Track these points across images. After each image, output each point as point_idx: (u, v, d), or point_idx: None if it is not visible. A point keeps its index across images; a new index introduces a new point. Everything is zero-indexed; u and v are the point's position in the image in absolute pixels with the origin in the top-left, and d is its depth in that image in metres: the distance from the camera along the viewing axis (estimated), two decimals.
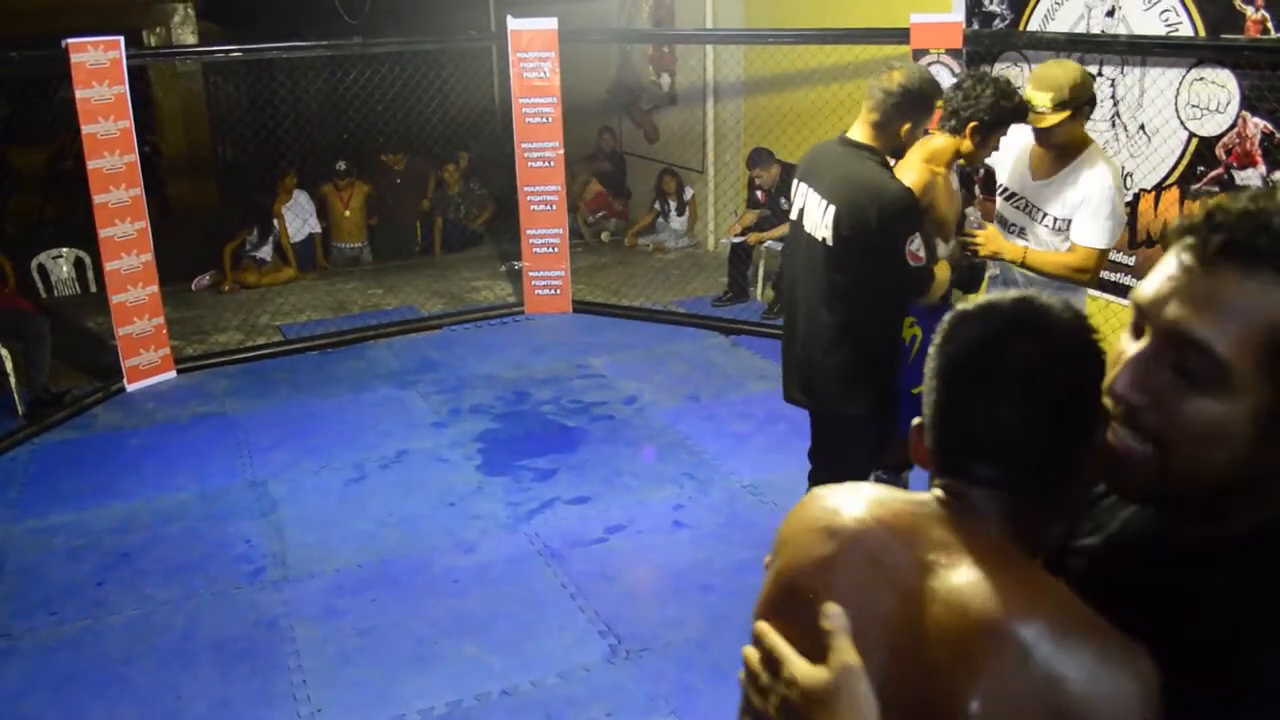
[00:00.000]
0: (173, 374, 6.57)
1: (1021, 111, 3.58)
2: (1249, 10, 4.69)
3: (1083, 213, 3.71)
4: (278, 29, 9.17)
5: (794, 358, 3.71)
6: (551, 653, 3.78)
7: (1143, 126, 5.28)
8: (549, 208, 7.48)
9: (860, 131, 3.47)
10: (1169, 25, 5.05)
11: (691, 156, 9.33)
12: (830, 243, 3.41)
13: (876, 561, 1.22)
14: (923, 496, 1.28)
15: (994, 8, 5.98)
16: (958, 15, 6.11)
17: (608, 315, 7.67)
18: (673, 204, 9.49)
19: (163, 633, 3.95)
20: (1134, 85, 5.28)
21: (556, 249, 7.58)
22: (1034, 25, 5.76)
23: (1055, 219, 3.80)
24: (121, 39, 6.03)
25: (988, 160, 3.80)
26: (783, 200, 7.56)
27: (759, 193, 7.76)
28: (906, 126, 3.43)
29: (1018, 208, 3.92)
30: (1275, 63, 4.60)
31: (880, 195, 3.30)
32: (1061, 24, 5.59)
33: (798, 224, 3.57)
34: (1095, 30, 5.41)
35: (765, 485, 5.01)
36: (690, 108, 9.29)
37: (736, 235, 7.85)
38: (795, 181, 3.60)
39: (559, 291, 7.69)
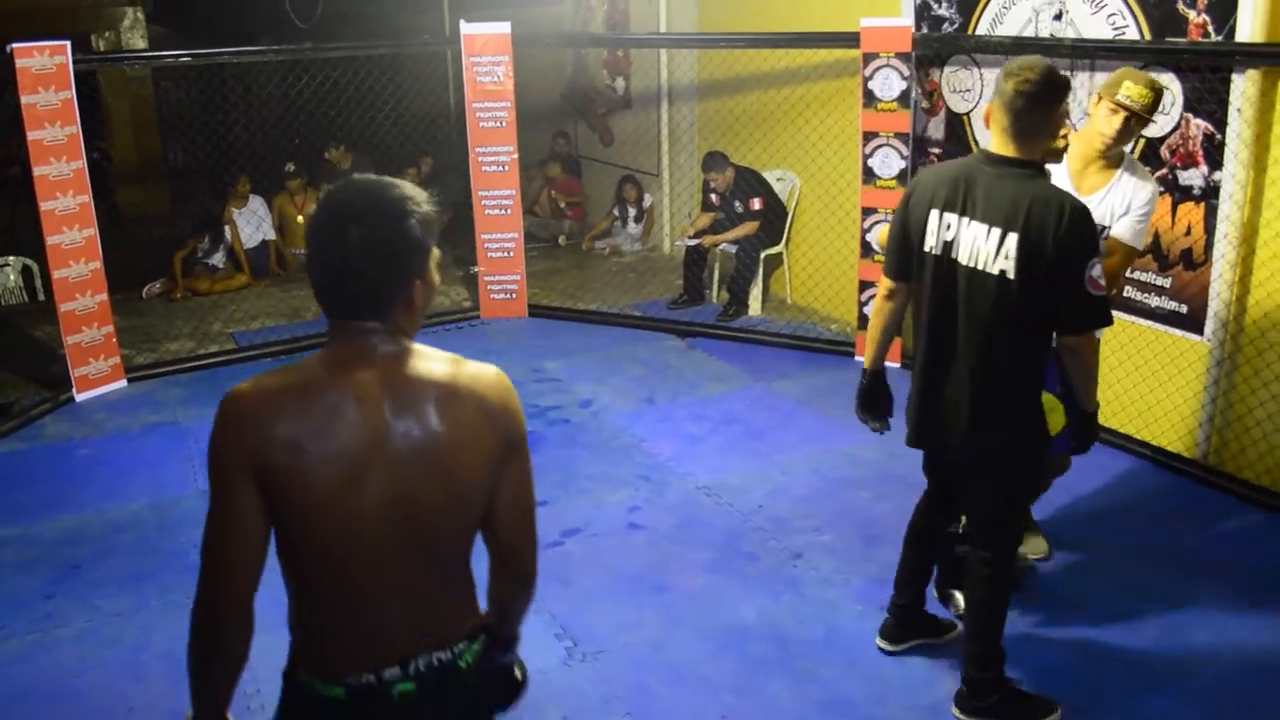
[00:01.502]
0: (123, 383, 6.50)
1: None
2: (1191, 14, 4.78)
3: (1130, 215, 3.72)
4: (229, 33, 9.10)
5: (950, 406, 3.25)
6: None
7: None
8: (504, 212, 7.48)
9: (1008, 146, 3.06)
10: (1116, 29, 5.13)
11: (646, 160, 9.35)
12: (1013, 275, 2.99)
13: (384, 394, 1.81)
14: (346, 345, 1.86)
15: (943, 11, 6.05)
16: (907, 19, 6.17)
17: (563, 319, 7.67)
18: (631, 211, 9.52)
19: (114, 644, 3.91)
20: (1083, 86, 5.36)
21: (511, 253, 7.58)
22: (982, 29, 5.83)
23: (1106, 230, 3.74)
24: (68, 44, 5.96)
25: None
26: (736, 204, 7.61)
27: (713, 196, 7.79)
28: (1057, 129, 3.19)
29: None
30: (1215, 66, 4.69)
31: (1060, 212, 2.93)
32: (1010, 27, 5.66)
33: (943, 258, 3.14)
34: (1043, 34, 5.49)
35: (720, 486, 5.03)
36: (645, 111, 9.32)
37: (690, 237, 7.89)
38: (930, 211, 3.15)
39: (514, 296, 7.69)
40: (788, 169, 7.70)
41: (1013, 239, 2.98)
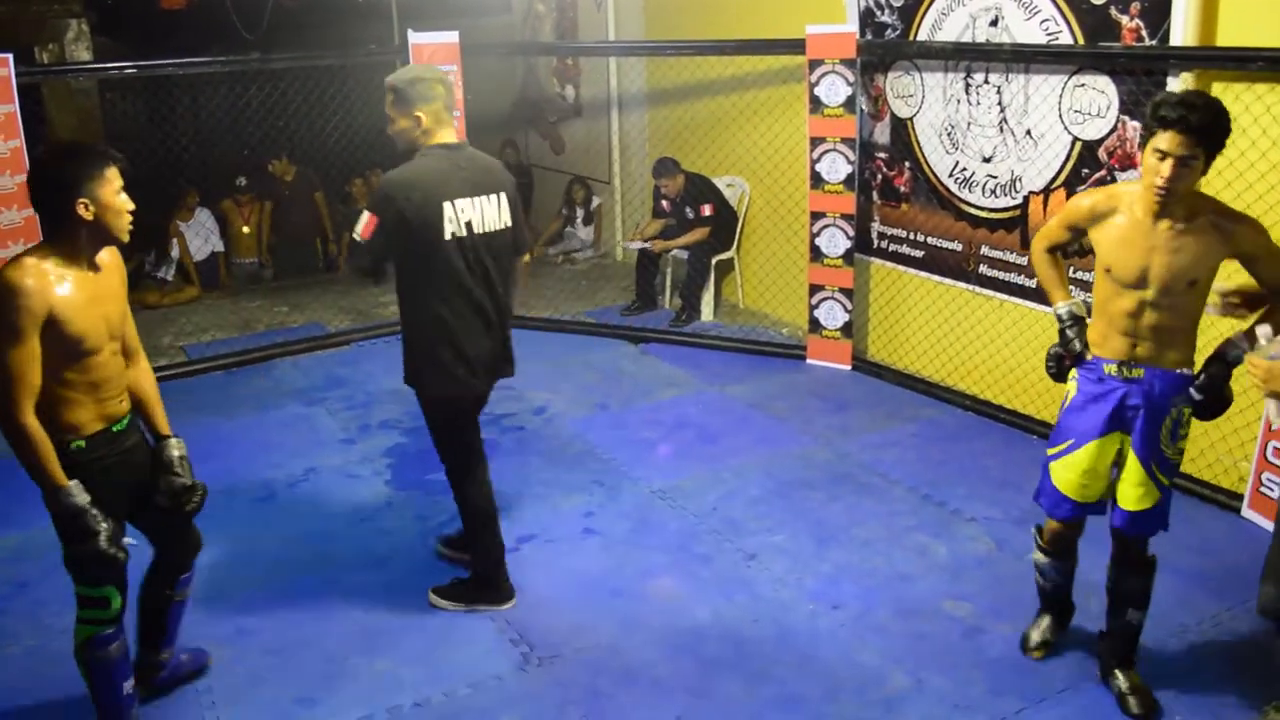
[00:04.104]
0: None
1: (1157, 111, 3.00)
2: (1124, 19, 4.89)
3: None
4: (175, 44, 9.01)
5: (496, 345, 4.08)
6: (463, 663, 3.79)
7: (1029, 131, 5.46)
8: None
9: (454, 135, 3.88)
10: (1049, 34, 5.23)
11: (597, 167, 9.39)
12: (510, 223, 3.93)
13: None
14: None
15: (885, 18, 6.13)
16: (852, 26, 6.25)
17: (516, 327, 7.55)
18: (580, 212, 9.56)
19: (65, 661, 3.82)
20: (1019, 92, 5.46)
21: None
22: (922, 35, 5.92)
23: None
24: (10, 56, 5.90)
25: None
26: (687, 210, 7.66)
27: (664, 202, 7.84)
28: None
29: None
30: (1149, 69, 4.80)
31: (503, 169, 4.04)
32: (948, 34, 5.76)
33: (465, 238, 3.77)
34: (980, 39, 5.59)
35: (674, 490, 5.07)
36: (595, 119, 9.36)
37: (636, 242, 7.94)
38: (441, 204, 3.71)
39: None
40: (737, 175, 7.76)
41: (504, 196, 3.89)
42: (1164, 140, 2.98)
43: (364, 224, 3.72)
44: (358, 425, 5.98)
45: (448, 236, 3.74)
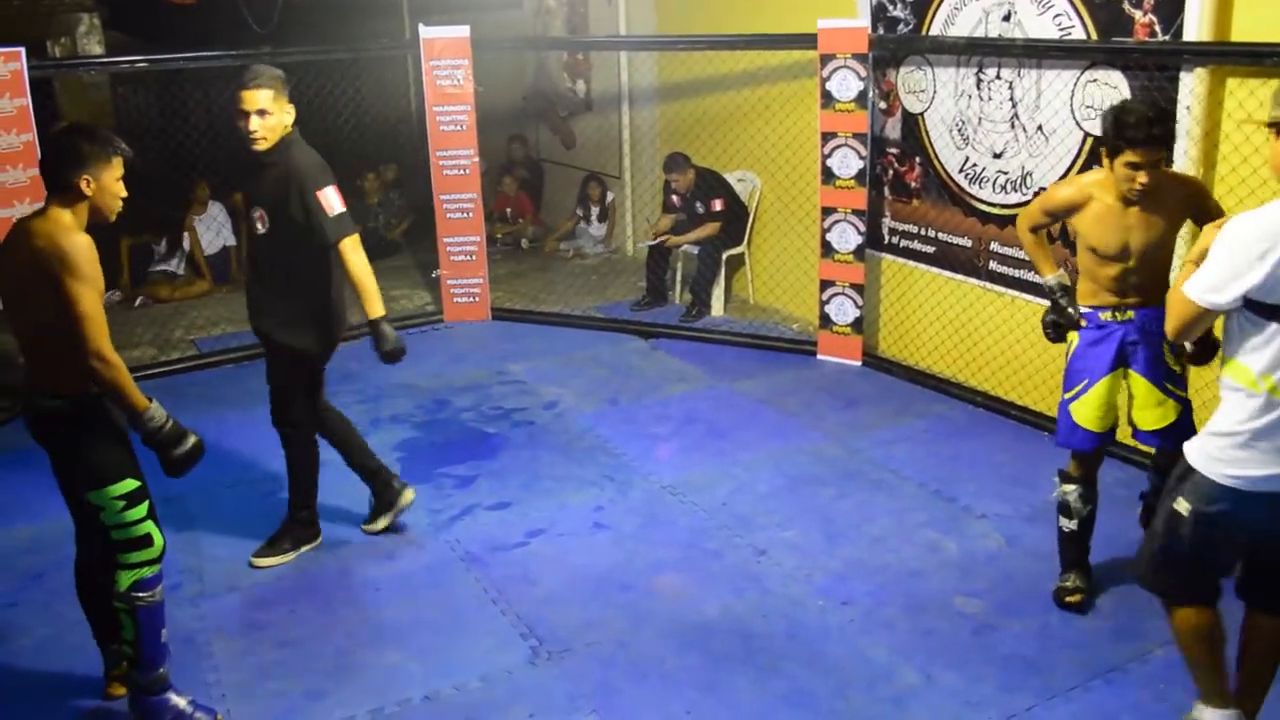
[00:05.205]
0: None
1: (1124, 132, 3.46)
2: (1137, 14, 4.87)
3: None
4: (186, 39, 9.03)
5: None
6: (473, 657, 3.80)
7: (1040, 127, 5.44)
8: (465, 215, 7.49)
9: None
10: (1062, 29, 5.21)
11: (608, 162, 9.38)
12: None
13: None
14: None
15: (897, 13, 6.12)
16: (863, 20, 6.24)
17: (527, 322, 7.70)
18: (595, 210, 9.55)
19: (77, 652, 3.88)
20: (1031, 87, 5.44)
21: (474, 256, 7.59)
22: (935, 29, 5.90)
23: None
24: (23, 50, 5.92)
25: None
26: (698, 205, 7.65)
27: (674, 197, 7.83)
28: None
29: None
30: (1162, 64, 4.77)
31: None
32: (961, 28, 5.74)
33: None
34: (993, 34, 5.57)
35: (684, 485, 5.07)
36: (606, 114, 9.35)
37: (652, 240, 7.93)
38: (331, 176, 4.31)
39: (478, 299, 7.70)
40: (748, 170, 7.75)
41: None
42: (1136, 155, 3.47)
43: (336, 197, 4.19)
44: (368, 419, 5.99)
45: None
